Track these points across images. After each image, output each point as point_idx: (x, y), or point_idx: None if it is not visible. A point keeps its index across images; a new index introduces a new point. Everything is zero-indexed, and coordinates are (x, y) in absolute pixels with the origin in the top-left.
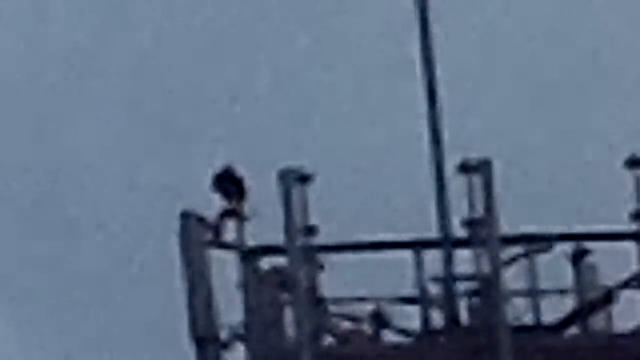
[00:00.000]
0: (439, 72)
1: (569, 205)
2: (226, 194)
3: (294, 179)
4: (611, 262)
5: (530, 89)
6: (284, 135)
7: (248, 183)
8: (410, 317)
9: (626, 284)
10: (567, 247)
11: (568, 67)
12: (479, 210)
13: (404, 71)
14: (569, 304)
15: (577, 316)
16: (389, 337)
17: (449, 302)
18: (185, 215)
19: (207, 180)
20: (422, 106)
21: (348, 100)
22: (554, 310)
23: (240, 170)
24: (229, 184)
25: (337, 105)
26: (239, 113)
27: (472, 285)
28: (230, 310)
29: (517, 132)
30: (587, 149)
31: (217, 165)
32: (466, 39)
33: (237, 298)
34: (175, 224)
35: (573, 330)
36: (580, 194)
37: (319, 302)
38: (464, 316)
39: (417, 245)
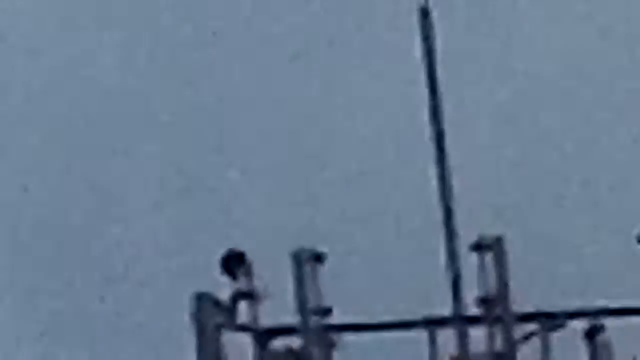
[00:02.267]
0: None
1: (583, 280)
2: (235, 275)
3: (308, 259)
4: (626, 339)
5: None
6: (293, 213)
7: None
8: None
9: None
10: (581, 323)
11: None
12: (493, 288)
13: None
14: None
15: None
16: None
17: None
18: (199, 297)
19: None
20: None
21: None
22: None
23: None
24: (234, 263)
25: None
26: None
27: None
28: None
29: (527, 207)
30: (602, 224)
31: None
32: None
33: None
34: (190, 306)
35: None
36: (594, 269)
37: None
38: None
39: (431, 324)
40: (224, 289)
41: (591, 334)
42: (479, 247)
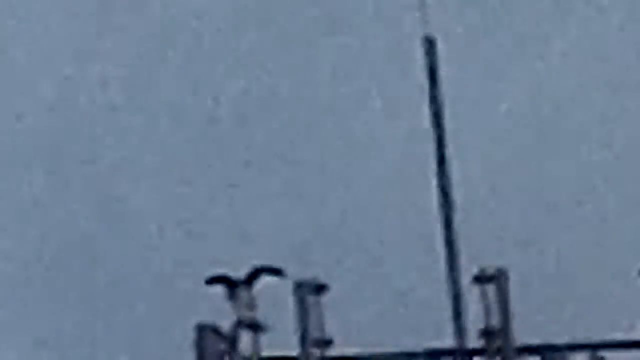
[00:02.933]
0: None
1: (584, 313)
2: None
3: (310, 290)
4: None
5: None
6: (295, 243)
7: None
8: None
9: None
10: (582, 356)
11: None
12: (494, 320)
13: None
14: None
15: None
16: None
17: None
18: (200, 327)
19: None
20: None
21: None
22: None
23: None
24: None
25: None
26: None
27: None
28: None
29: (531, 240)
30: (603, 257)
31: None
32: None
33: None
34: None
35: None
36: (596, 301)
37: None
38: None
39: (433, 356)
40: (226, 318)
41: None
42: (480, 278)
